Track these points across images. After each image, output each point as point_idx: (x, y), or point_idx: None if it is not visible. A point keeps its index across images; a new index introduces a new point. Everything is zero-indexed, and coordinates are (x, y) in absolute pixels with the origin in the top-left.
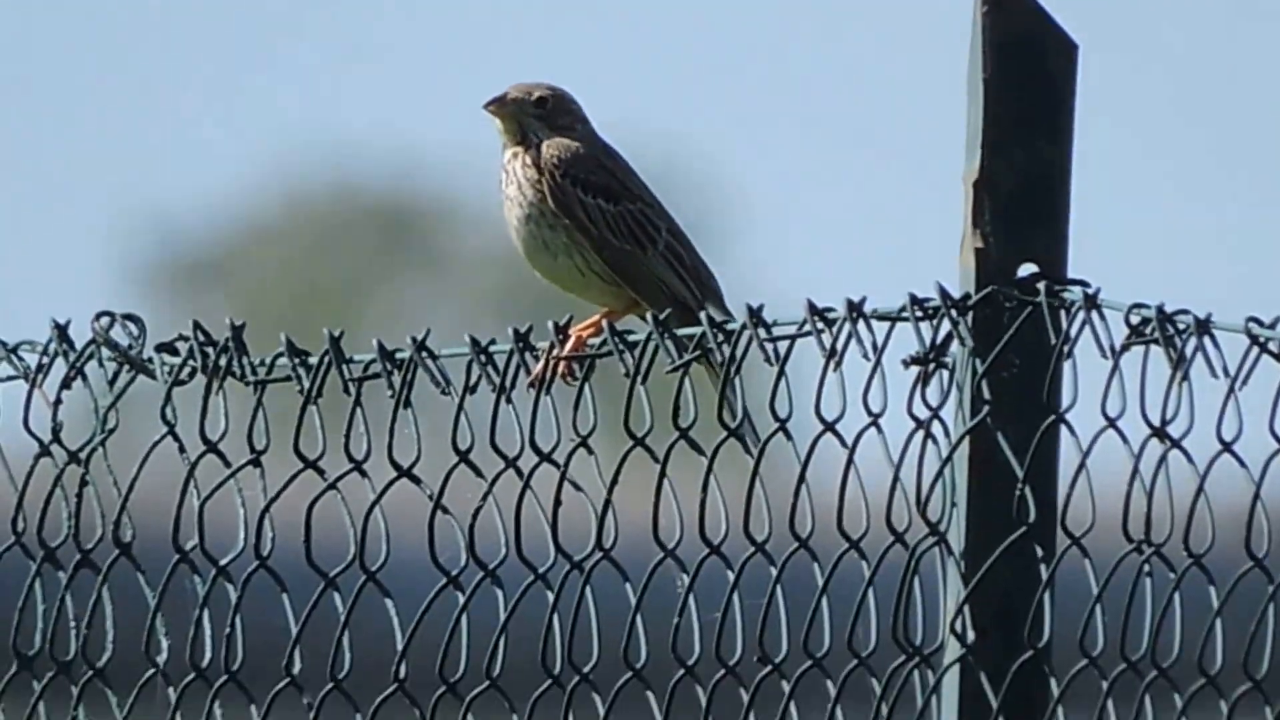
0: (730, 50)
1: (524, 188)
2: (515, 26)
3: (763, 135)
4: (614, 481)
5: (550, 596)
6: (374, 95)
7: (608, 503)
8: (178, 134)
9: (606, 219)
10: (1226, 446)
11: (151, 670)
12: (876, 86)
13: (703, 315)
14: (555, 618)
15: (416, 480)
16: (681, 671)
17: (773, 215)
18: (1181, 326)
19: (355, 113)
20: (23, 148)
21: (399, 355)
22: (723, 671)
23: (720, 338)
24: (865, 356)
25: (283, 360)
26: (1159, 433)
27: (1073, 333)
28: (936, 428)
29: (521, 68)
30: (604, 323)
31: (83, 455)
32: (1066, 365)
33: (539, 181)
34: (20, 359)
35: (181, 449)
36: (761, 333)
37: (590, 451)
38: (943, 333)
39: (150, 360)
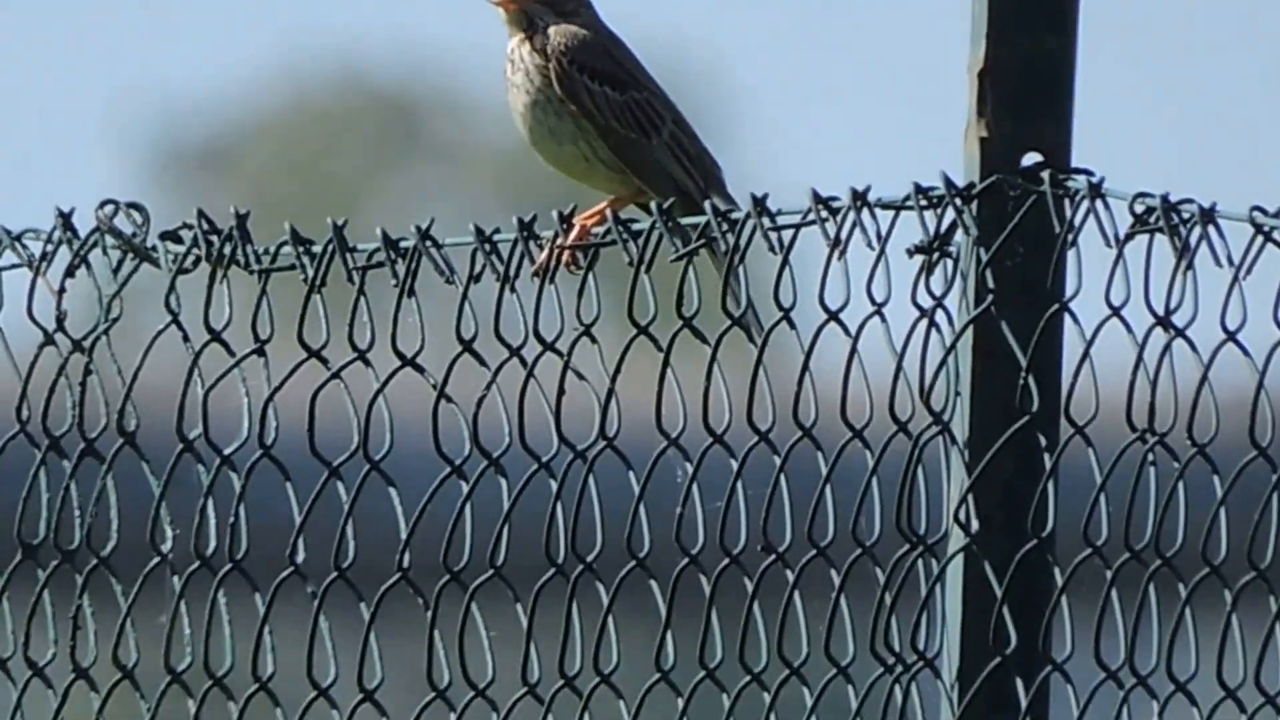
0: None
1: (531, 74)
2: None
3: (767, 26)
4: (617, 370)
5: (554, 485)
6: None
7: (611, 392)
8: (185, 23)
9: (612, 107)
10: (1230, 335)
11: (156, 559)
12: None
13: (707, 204)
14: (559, 507)
15: (420, 369)
16: (685, 560)
17: (777, 106)
18: (1186, 215)
19: (363, 3)
20: (29, 35)
21: (403, 244)
22: (726, 560)
23: (725, 227)
24: (869, 245)
25: (287, 249)
26: (1163, 322)
27: (1077, 221)
28: (940, 317)
29: None
30: (608, 212)
31: (87, 344)
32: (1070, 254)
33: (546, 68)
34: (24, 247)
35: (186, 338)
36: (766, 222)
37: (594, 340)
38: (947, 222)
39: (154, 249)
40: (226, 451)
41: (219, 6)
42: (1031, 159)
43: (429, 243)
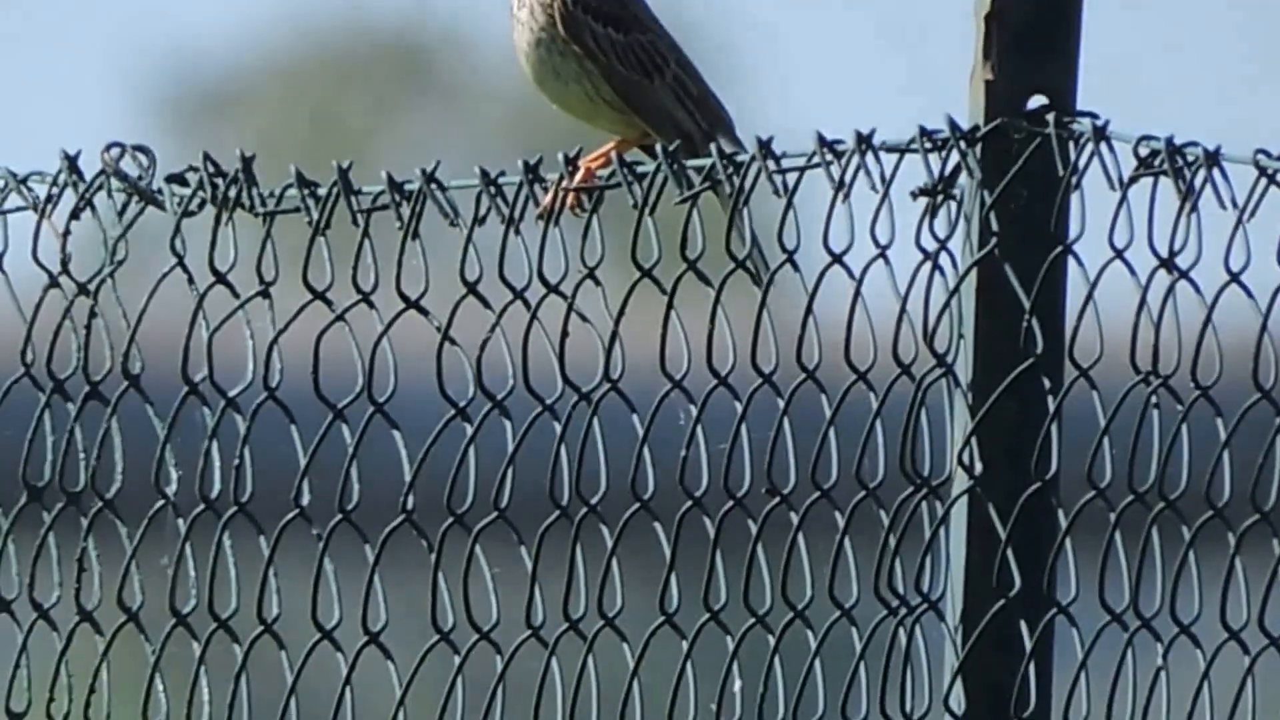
0: None
1: (535, 12)
2: None
3: None
4: (621, 313)
5: (558, 428)
6: None
7: (615, 334)
8: None
9: (615, 48)
10: (1234, 277)
11: (161, 501)
12: None
13: (712, 147)
14: (563, 449)
15: (424, 312)
16: (689, 503)
17: (782, 48)
18: (1190, 158)
19: None
20: None
21: (408, 187)
22: (730, 503)
23: (729, 169)
24: (873, 188)
25: (292, 192)
26: (1166, 264)
27: (1081, 164)
28: (944, 259)
29: None
30: (613, 154)
31: (92, 286)
32: (1074, 197)
33: (550, 6)
34: (29, 190)
35: (190, 280)
36: (770, 164)
37: (598, 283)
38: (951, 164)
39: (160, 191)
40: (231, 394)
41: None
42: (1036, 102)
43: (434, 185)
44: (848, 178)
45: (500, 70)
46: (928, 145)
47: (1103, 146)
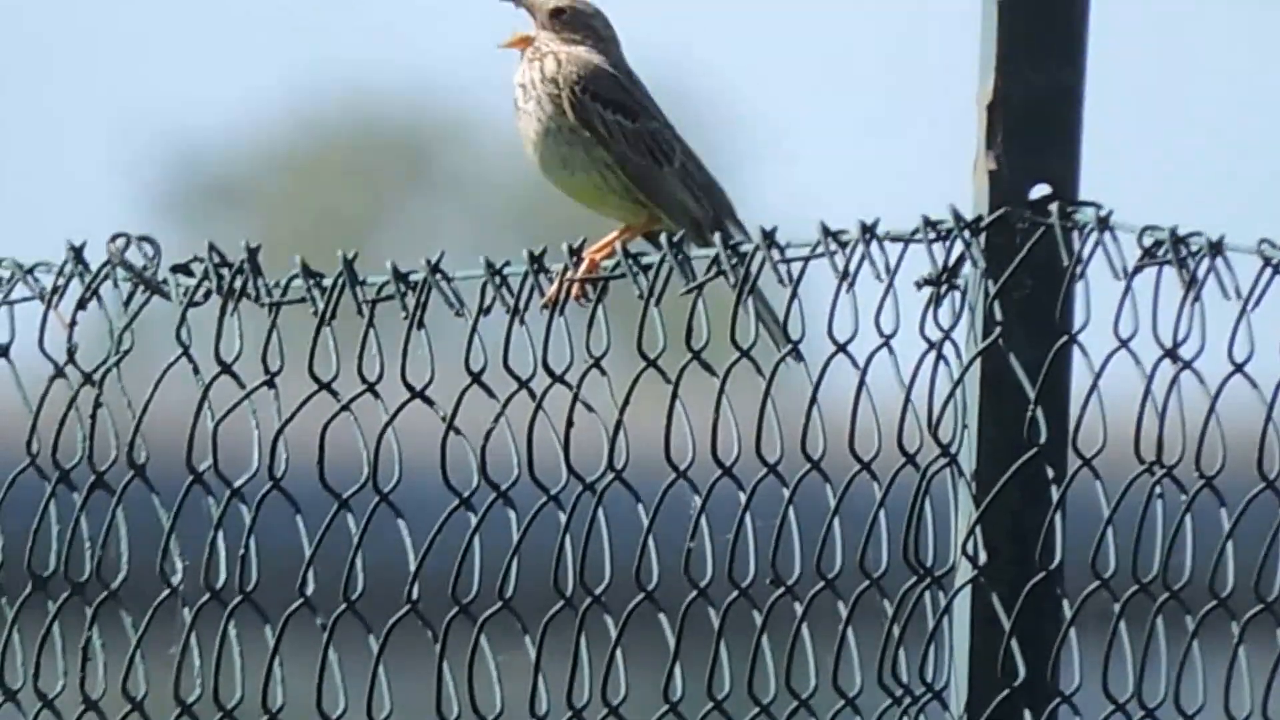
0: None
1: (543, 101)
2: None
3: (776, 56)
4: (626, 402)
5: (562, 518)
6: (387, 16)
7: (620, 424)
8: (193, 57)
9: (626, 135)
10: (1238, 368)
11: (166, 591)
12: (889, 8)
13: (716, 237)
14: (568, 539)
15: (430, 401)
16: (694, 593)
17: (785, 137)
18: (1194, 248)
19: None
20: (40, 68)
21: (413, 277)
22: (735, 593)
23: (734, 259)
24: (878, 278)
25: (297, 282)
26: (1171, 354)
27: (1085, 254)
28: (948, 349)
29: None
30: (617, 244)
31: (98, 376)
32: (1078, 286)
33: (559, 95)
34: (36, 280)
35: (196, 370)
36: (775, 254)
37: (603, 373)
38: (955, 254)
39: (165, 282)
40: (237, 483)
41: (226, 41)
42: (1040, 191)
43: (439, 275)
44: (852, 267)
45: (501, 160)
46: (931, 235)
47: (1106, 236)
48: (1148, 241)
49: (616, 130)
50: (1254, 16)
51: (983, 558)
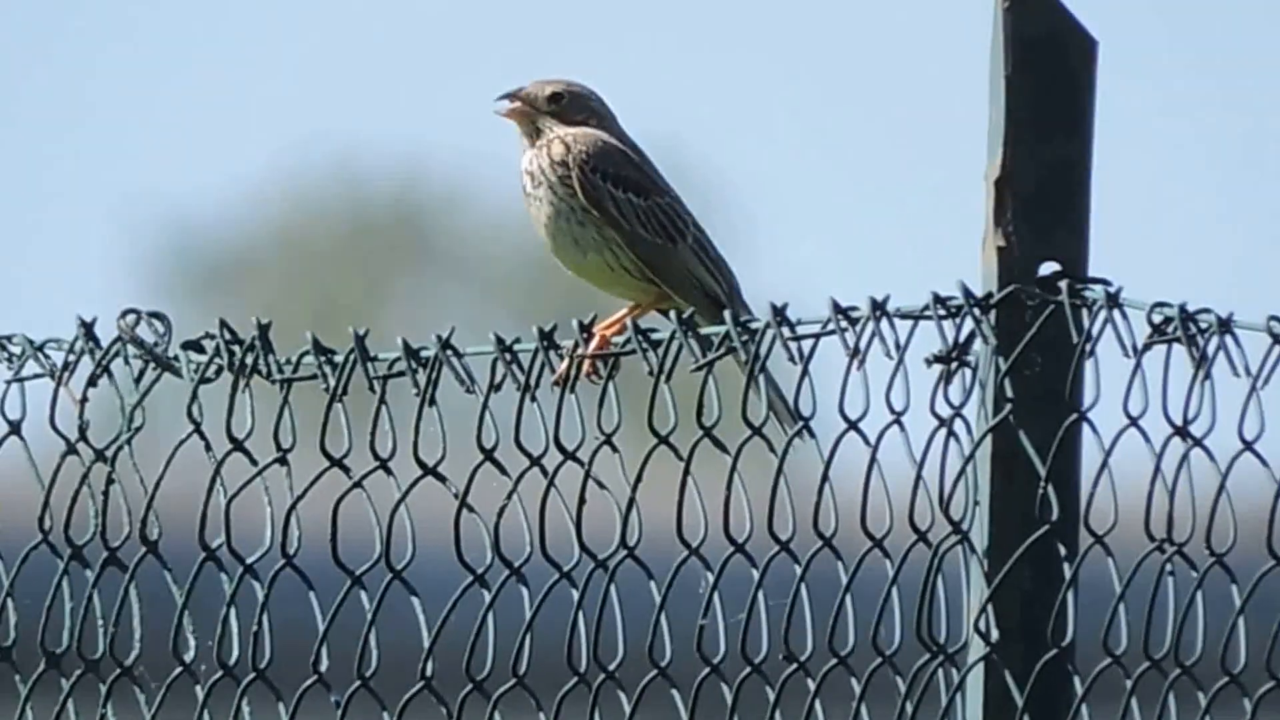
0: (747, 45)
1: (553, 185)
2: (522, 24)
3: (781, 133)
4: (638, 479)
5: (575, 594)
6: (380, 95)
7: (632, 501)
8: (200, 138)
9: (638, 213)
10: (1248, 445)
11: (179, 668)
12: (896, 84)
13: (726, 314)
14: (580, 616)
15: (442, 478)
16: (707, 670)
17: (793, 215)
18: (1204, 325)
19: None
20: (46, 149)
21: (424, 353)
22: (748, 670)
23: (744, 336)
24: (888, 355)
25: (308, 359)
26: (1181, 431)
27: (1094, 331)
28: (959, 426)
29: (528, 66)
30: (628, 321)
31: (109, 453)
32: (1088, 364)
33: (568, 177)
34: (46, 357)
35: (208, 447)
36: (785, 331)
37: (614, 449)
38: (965, 331)
39: (176, 358)
40: (249, 560)
41: (222, 118)
42: (1049, 268)
43: (449, 352)
44: (862, 344)
45: (498, 233)
46: (941, 312)
47: (1116, 313)
48: (1157, 319)
49: (628, 209)
50: (1264, 88)
51: (995, 635)
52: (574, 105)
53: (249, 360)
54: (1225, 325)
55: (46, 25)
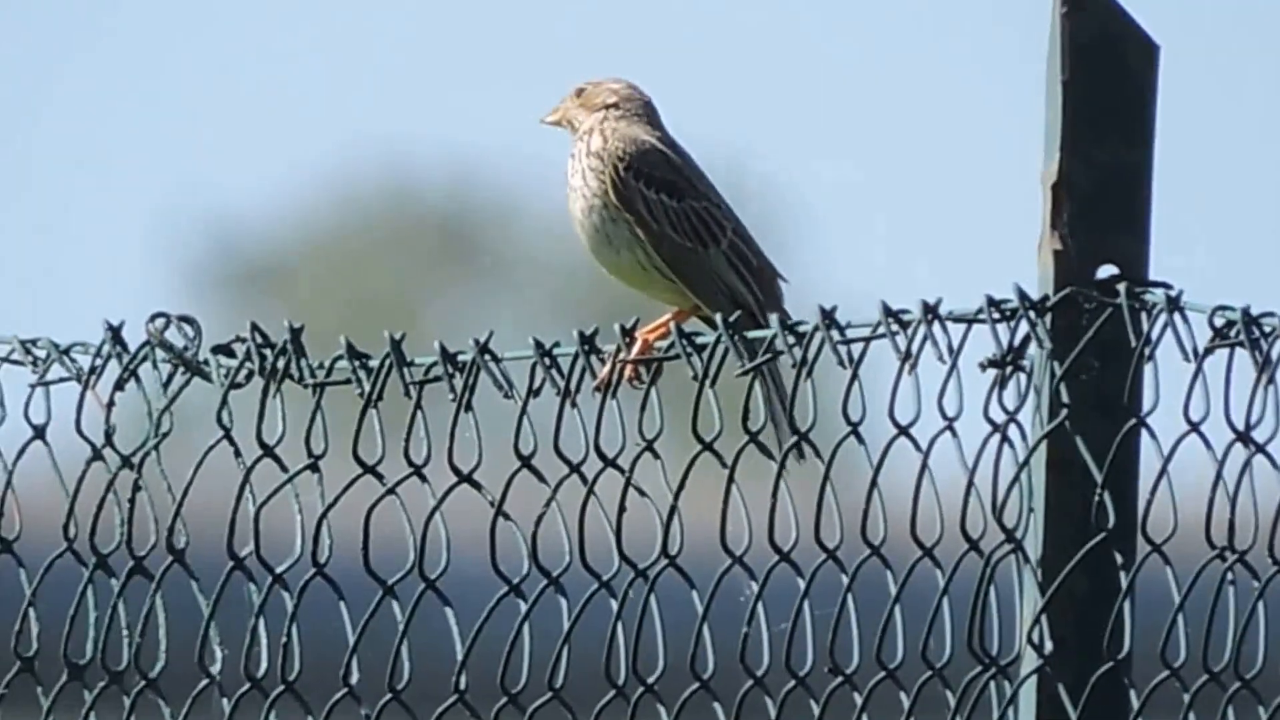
0: (805, 48)
1: (588, 179)
2: (573, 28)
3: (840, 135)
4: (680, 486)
5: (614, 605)
6: (430, 99)
7: (674, 509)
8: (234, 137)
9: (669, 214)
10: None
11: (206, 680)
12: (954, 86)
13: (773, 317)
14: (620, 627)
15: (478, 485)
16: (750, 682)
17: (847, 216)
18: (1267, 329)
19: (411, 117)
20: (79, 148)
21: (461, 358)
22: (793, 683)
23: (792, 340)
24: (940, 359)
25: (342, 363)
26: (1243, 437)
27: (1154, 335)
28: (1013, 431)
29: (578, 72)
30: (671, 325)
31: (136, 459)
32: (1147, 368)
33: (603, 173)
34: (73, 361)
35: (237, 453)
36: (834, 335)
37: (656, 456)
38: (1020, 335)
39: (206, 362)
40: (279, 570)
41: (265, 121)
42: (1107, 271)
43: (487, 356)
44: (914, 348)
45: (546, 241)
46: (996, 315)
47: (1176, 316)
48: (1219, 322)
49: (659, 209)
50: None
51: (1049, 647)
52: (595, 94)
53: (280, 364)
54: None
55: (90, 24)
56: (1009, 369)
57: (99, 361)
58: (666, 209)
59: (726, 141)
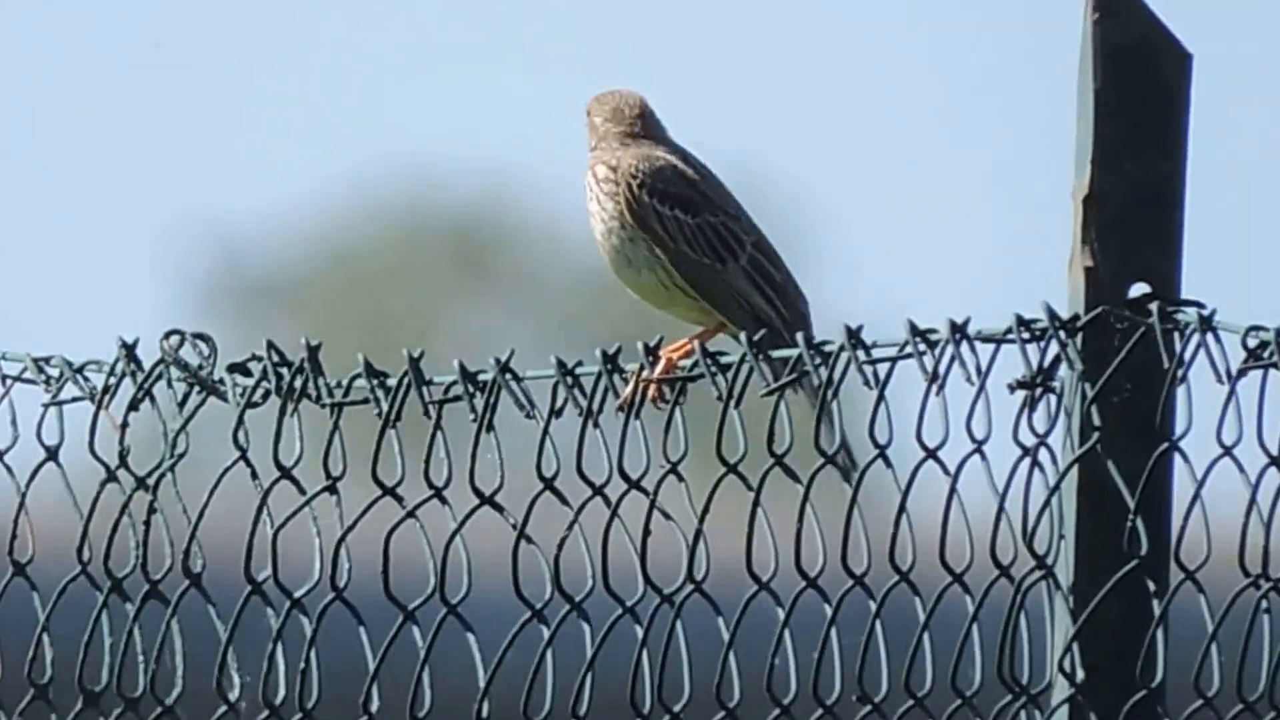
0: (832, 59)
1: (604, 201)
2: (595, 44)
3: (866, 149)
4: (705, 510)
5: (639, 631)
6: (449, 115)
7: (699, 532)
8: (249, 153)
9: (684, 231)
10: None
11: (223, 708)
12: (982, 98)
13: (799, 336)
14: (644, 653)
15: (499, 508)
16: (777, 711)
17: (874, 232)
18: None
19: (428, 133)
20: (92, 164)
21: (481, 377)
22: (820, 711)
23: (817, 360)
24: (969, 380)
25: (360, 382)
26: (1277, 461)
27: (1187, 356)
28: (1044, 455)
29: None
30: (696, 344)
31: (151, 480)
32: (1180, 390)
33: (617, 195)
34: (86, 379)
35: (254, 474)
36: (860, 354)
37: (681, 479)
38: (1050, 355)
39: (221, 381)
40: (297, 594)
41: (281, 137)
42: (1139, 290)
43: (508, 375)
44: (942, 368)
45: (566, 259)
46: (1025, 335)
47: (1209, 337)
48: (1252, 343)
49: (674, 227)
50: None
51: (1080, 675)
52: (601, 110)
53: (298, 383)
54: None
55: (104, 39)
56: (1039, 390)
57: (113, 380)
58: (682, 225)
59: (750, 155)
